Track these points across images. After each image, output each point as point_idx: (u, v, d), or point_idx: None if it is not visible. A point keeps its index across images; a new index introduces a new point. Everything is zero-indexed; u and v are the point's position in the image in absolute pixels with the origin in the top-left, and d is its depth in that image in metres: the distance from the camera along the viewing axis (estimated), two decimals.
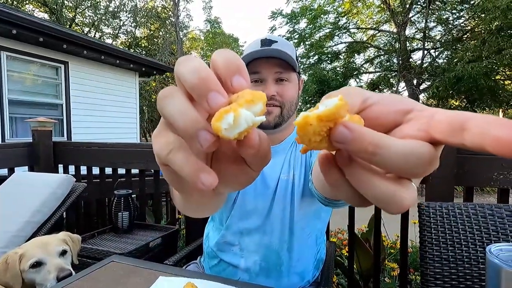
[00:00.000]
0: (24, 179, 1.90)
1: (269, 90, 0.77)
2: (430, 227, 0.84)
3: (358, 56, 12.15)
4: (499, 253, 0.40)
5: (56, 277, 0.97)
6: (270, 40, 0.78)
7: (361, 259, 1.77)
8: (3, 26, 3.72)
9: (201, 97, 0.19)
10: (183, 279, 0.66)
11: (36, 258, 1.01)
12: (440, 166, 1.10)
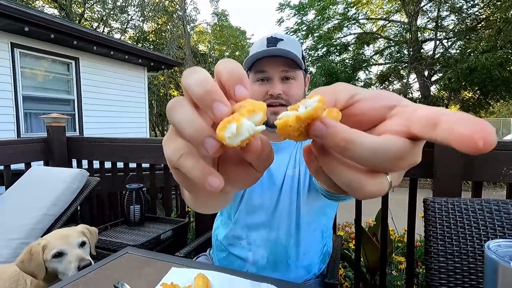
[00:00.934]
0: (40, 173, 1.97)
1: (275, 89, 0.79)
2: (435, 222, 0.85)
3: (368, 47, 11.92)
4: (498, 249, 0.41)
5: (77, 266, 1.03)
6: (276, 38, 0.79)
7: (368, 253, 1.79)
8: (15, 23, 3.80)
9: (207, 107, 0.21)
10: (194, 270, 0.69)
11: (58, 249, 1.07)
12: (448, 161, 1.10)
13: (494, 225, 0.82)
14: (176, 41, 13.69)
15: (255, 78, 0.82)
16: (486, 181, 1.30)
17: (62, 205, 1.76)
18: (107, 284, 0.69)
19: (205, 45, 18.55)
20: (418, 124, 0.18)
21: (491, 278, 0.40)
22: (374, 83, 11.74)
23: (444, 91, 9.47)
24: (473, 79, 7.49)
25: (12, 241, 1.57)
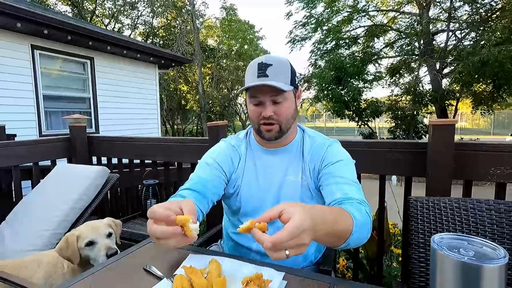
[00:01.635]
0: (66, 170, 2.16)
1: (266, 111, 0.91)
2: (416, 218, 0.97)
3: (378, 40, 11.74)
4: (441, 241, 0.53)
5: (106, 254, 1.19)
6: (266, 64, 0.89)
7: (368, 246, 1.91)
8: (36, 27, 4.02)
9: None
10: (208, 256, 0.83)
11: (89, 239, 1.24)
12: (439, 162, 1.21)
13: (468, 221, 0.94)
14: (185, 36, 13.82)
15: (250, 101, 0.95)
16: (475, 180, 1.39)
17: (87, 199, 1.94)
18: (137, 268, 0.84)
19: (214, 40, 18.62)
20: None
21: (433, 263, 0.52)
22: (385, 76, 11.62)
23: (456, 84, 9.30)
24: (485, 72, 7.35)
25: (45, 231, 1.76)
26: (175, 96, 15.88)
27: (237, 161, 1.03)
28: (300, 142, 1.03)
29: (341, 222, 0.69)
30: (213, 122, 1.88)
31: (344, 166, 0.94)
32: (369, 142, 1.57)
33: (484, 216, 0.92)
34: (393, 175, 1.63)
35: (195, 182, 0.94)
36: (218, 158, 1.01)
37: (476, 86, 9.08)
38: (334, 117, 13.82)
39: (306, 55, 45.02)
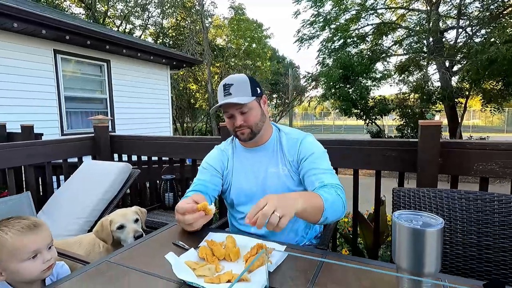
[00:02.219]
0: (93, 166, 2.40)
1: (237, 121, 1.14)
2: (399, 206, 1.15)
3: (386, 38, 11.72)
4: (399, 215, 0.71)
5: (133, 236, 1.42)
6: (229, 84, 1.13)
7: (366, 236, 2.08)
8: (59, 33, 4.31)
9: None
10: (225, 234, 1.04)
11: (120, 223, 1.46)
12: (427, 158, 1.39)
13: (442, 207, 1.11)
14: (194, 36, 14.07)
15: (224, 115, 1.19)
16: (460, 175, 1.55)
17: (113, 191, 2.17)
18: (167, 243, 1.04)
19: (222, 39, 18.84)
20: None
21: (393, 232, 0.70)
22: (393, 74, 11.60)
23: (465, 83, 9.25)
24: (493, 70, 7.32)
25: (79, 219, 2.00)
26: (184, 95, 16.18)
27: (226, 161, 1.27)
28: (277, 139, 1.24)
29: (314, 199, 0.93)
30: (225, 122, 2.07)
31: (317, 159, 1.13)
32: (364, 141, 1.74)
33: (456, 203, 1.09)
34: (387, 170, 1.80)
35: (197, 185, 1.22)
36: (211, 162, 1.27)
37: (485, 83, 9.02)
38: (342, 115, 13.87)
39: (314, 53, 45.07)
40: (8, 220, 0.86)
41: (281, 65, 22.07)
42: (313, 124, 35.74)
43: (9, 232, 0.82)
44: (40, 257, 0.84)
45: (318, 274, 0.79)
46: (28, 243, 0.82)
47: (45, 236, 0.87)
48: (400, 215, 0.71)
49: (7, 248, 0.80)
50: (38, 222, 0.88)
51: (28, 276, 0.83)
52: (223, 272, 0.81)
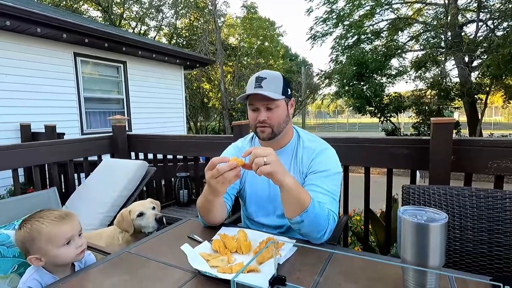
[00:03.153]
0: (112, 164, 2.51)
1: (260, 116, 1.11)
2: (408, 202, 1.16)
3: (402, 33, 11.45)
4: (404, 211, 0.73)
5: (155, 219, 1.49)
6: (262, 77, 1.10)
7: (378, 234, 2.08)
8: (79, 36, 4.50)
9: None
10: (237, 228, 1.08)
11: (139, 211, 1.54)
12: (439, 156, 1.39)
13: (453, 205, 1.11)
14: (207, 36, 14.22)
15: (249, 107, 1.16)
16: (475, 173, 1.53)
17: (131, 188, 2.26)
18: (182, 236, 1.10)
19: (235, 38, 18.93)
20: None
21: (399, 226, 0.73)
22: (409, 71, 11.33)
23: (485, 78, 8.92)
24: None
25: (99, 214, 2.10)
26: (198, 94, 16.39)
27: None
28: (295, 145, 1.20)
29: (303, 193, 0.94)
30: (238, 121, 2.13)
31: (326, 177, 1.07)
32: (375, 139, 1.75)
33: (466, 201, 1.10)
34: (398, 168, 1.79)
35: None
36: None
37: (508, 79, 8.66)
38: (356, 113, 13.66)
39: (327, 51, 44.33)
40: (40, 212, 0.94)
41: (293, 63, 21.96)
42: (326, 122, 35.35)
43: (45, 222, 0.90)
44: (73, 243, 0.93)
45: (326, 267, 0.82)
46: (62, 231, 0.91)
47: (76, 224, 0.96)
48: (405, 211, 0.74)
49: (45, 235, 0.89)
50: (69, 213, 0.97)
51: (65, 259, 0.92)
52: (235, 263, 0.85)
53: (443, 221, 0.67)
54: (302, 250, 0.92)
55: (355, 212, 2.97)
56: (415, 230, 0.68)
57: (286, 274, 0.75)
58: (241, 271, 0.59)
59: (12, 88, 4.15)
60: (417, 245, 0.67)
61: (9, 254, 1.02)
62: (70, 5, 14.04)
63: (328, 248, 0.94)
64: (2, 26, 3.89)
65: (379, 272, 0.78)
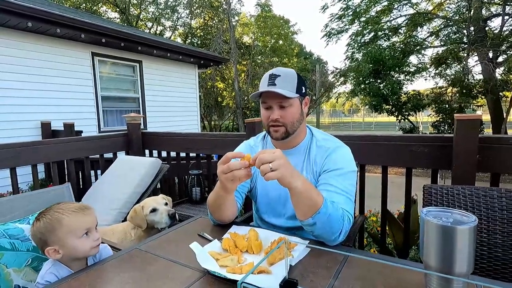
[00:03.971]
0: (126, 161, 2.54)
1: (273, 114, 1.06)
2: (430, 204, 1.09)
3: (421, 29, 11.05)
4: (428, 212, 0.68)
5: (168, 215, 1.49)
6: (276, 75, 1.05)
7: (396, 235, 2.00)
8: (96, 37, 4.60)
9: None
10: (248, 227, 1.05)
11: (152, 206, 1.55)
12: (463, 154, 1.30)
13: (479, 205, 1.04)
14: (221, 35, 14.28)
15: (262, 105, 1.12)
16: (501, 172, 1.43)
17: (144, 185, 2.29)
18: (193, 233, 1.08)
19: (249, 37, 18.92)
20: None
21: (421, 229, 0.67)
22: (428, 68, 10.93)
23: (511, 74, 8.46)
24: None
25: (113, 210, 2.13)
26: (212, 93, 16.50)
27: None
28: (308, 145, 1.15)
29: (315, 194, 0.89)
30: (251, 119, 2.10)
31: (339, 176, 1.03)
32: (393, 137, 1.67)
33: (494, 202, 1.02)
34: (418, 167, 1.71)
35: None
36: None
37: None
38: (372, 111, 13.35)
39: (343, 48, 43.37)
40: (59, 204, 0.95)
41: (308, 61, 21.71)
42: (341, 121, 34.79)
43: (65, 213, 0.91)
44: (91, 235, 0.94)
45: (341, 270, 0.78)
46: (82, 222, 0.92)
47: (94, 217, 0.97)
48: (429, 212, 0.68)
49: (66, 226, 0.90)
50: (87, 206, 0.98)
51: (83, 251, 0.93)
52: (245, 263, 0.82)
53: (472, 224, 0.61)
54: (316, 252, 0.88)
55: (371, 213, 2.88)
56: (440, 233, 0.62)
57: (298, 277, 0.72)
58: (250, 273, 0.56)
59: (34, 87, 4.30)
60: (442, 249, 0.62)
61: (23, 248, 1.04)
62: (89, 7, 14.47)
63: (344, 250, 0.89)
64: (24, 28, 4.03)
65: (399, 278, 0.73)
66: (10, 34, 4.04)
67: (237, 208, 1.13)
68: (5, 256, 1.00)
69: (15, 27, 4.00)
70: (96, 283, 0.79)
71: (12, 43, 4.08)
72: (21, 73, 4.17)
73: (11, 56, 4.08)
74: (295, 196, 0.89)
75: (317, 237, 0.95)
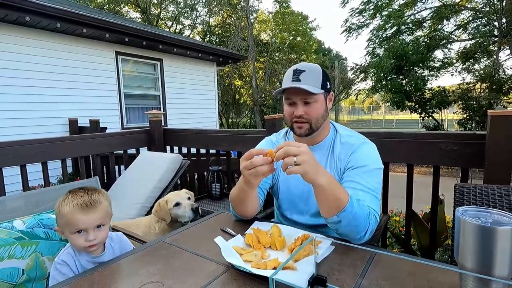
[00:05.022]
0: (148, 156, 2.60)
1: (298, 111, 1.04)
2: (462, 203, 1.04)
3: (448, 22, 10.54)
4: (465, 212, 0.64)
5: (191, 209, 1.52)
6: (300, 70, 1.03)
7: (420, 236, 1.93)
8: (120, 36, 4.75)
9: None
10: (270, 223, 1.05)
11: (176, 201, 1.58)
12: (497, 152, 1.23)
13: None
14: (240, 33, 14.31)
15: (285, 102, 1.10)
16: None
17: (166, 180, 2.33)
18: (215, 229, 1.09)
19: (267, 34, 18.84)
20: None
21: (457, 229, 0.64)
22: (455, 62, 10.42)
23: None
24: None
25: (136, 204, 2.19)
26: (229, 91, 16.62)
27: None
28: (332, 141, 1.13)
29: (340, 192, 0.87)
30: (271, 115, 2.09)
31: (366, 173, 1.00)
32: (420, 133, 1.60)
33: None
34: (447, 166, 1.63)
35: None
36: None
37: None
38: (393, 108, 12.93)
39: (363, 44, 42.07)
40: (78, 190, 0.96)
41: (327, 57, 21.35)
42: (360, 118, 33.97)
43: (67, 205, 0.91)
44: (85, 235, 0.91)
45: (368, 269, 0.76)
46: (76, 220, 0.90)
47: (94, 217, 0.92)
48: (465, 212, 0.65)
49: (62, 216, 0.92)
50: (93, 203, 0.93)
51: (77, 246, 0.93)
52: (269, 259, 0.82)
53: None
54: (341, 250, 0.86)
55: (393, 213, 2.80)
56: (479, 234, 0.59)
57: (324, 274, 0.70)
58: (280, 268, 0.56)
59: (62, 85, 4.51)
60: (481, 251, 0.59)
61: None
62: (112, 7, 14.94)
63: (371, 248, 0.87)
64: (53, 29, 4.22)
65: (430, 279, 0.70)
66: (40, 35, 4.24)
67: (259, 203, 1.13)
68: (40, 245, 1.06)
69: (45, 28, 4.20)
70: (124, 274, 0.82)
71: (44, 43, 4.29)
72: (51, 72, 4.38)
73: (42, 56, 4.29)
74: (319, 193, 0.87)
75: (342, 236, 0.93)
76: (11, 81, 3.99)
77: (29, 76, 4.16)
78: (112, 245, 1.03)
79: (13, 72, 4.00)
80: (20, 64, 4.06)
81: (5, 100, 3.96)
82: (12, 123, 4.00)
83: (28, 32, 4.11)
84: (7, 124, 3.96)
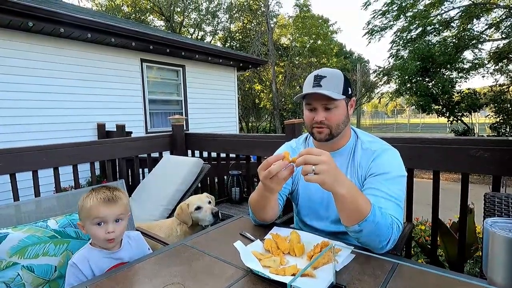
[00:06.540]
0: (171, 160, 2.68)
1: (318, 116, 1.04)
2: (493, 214, 0.98)
3: (478, 21, 10.02)
4: (494, 224, 0.61)
5: (211, 213, 1.56)
6: (321, 76, 1.03)
7: (448, 247, 1.84)
8: (145, 44, 4.96)
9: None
10: (290, 229, 1.05)
11: (197, 205, 1.62)
12: None
13: None
14: (260, 38, 14.43)
15: (306, 107, 1.09)
16: None
17: (187, 183, 2.39)
18: (235, 233, 1.10)
19: (287, 38, 18.85)
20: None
21: (485, 241, 0.61)
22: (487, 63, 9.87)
23: None
24: None
25: (160, 206, 2.26)
26: (249, 95, 16.74)
27: None
28: (352, 147, 1.12)
29: (362, 201, 0.85)
30: (290, 120, 2.08)
31: (388, 180, 0.97)
32: (447, 139, 1.54)
33: None
34: (477, 173, 1.55)
35: None
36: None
37: None
38: (419, 112, 12.43)
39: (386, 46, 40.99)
40: (101, 187, 1.03)
41: (348, 60, 20.98)
42: (383, 122, 32.96)
43: (92, 198, 0.98)
44: (105, 226, 0.97)
45: (390, 280, 0.74)
46: (98, 212, 0.96)
47: (115, 210, 0.99)
48: (495, 223, 0.62)
49: (85, 210, 0.98)
50: (115, 198, 1.00)
51: (97, 239, 0.99)
52: (287, 265, 0.82)
53: None
54: (361, 258, 0.84)
55: (418, 221, 2.69)
56: (509, 248, 0.56)
57: (343, 283, 0.70)
58: (299, 274, 0.56)
59: (92, 92, 4.76)
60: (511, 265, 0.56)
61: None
62: (138, 17, 15.62)
63: (393, 258, 0.84)
64: (84, 39, 4.48)
65: None
66: (71, 45, 4.52)
67: (278, 208, 1.13)
68: (71, 243, 1.12)
69: (78, 38, 4.47)
70: (147, 274, 0.85)
71: (76, 53, 4.56)
72: (82, 79, 4.65)
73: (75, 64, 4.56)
74: (339, 202, 0.86)
75: (363, 244, 0.91)
76: (48, 89, 4.28)
77: (64, 84, 4.43)
78: (129, 242, 1.08)
79: (49, 80, 4.29)
80: (55, 73, 4.35)
81: (43, 106, 4.25)
82: (48, 128, 4.28)
83: (62, 42, 4.40)
84: (45, 128, 4.25)
